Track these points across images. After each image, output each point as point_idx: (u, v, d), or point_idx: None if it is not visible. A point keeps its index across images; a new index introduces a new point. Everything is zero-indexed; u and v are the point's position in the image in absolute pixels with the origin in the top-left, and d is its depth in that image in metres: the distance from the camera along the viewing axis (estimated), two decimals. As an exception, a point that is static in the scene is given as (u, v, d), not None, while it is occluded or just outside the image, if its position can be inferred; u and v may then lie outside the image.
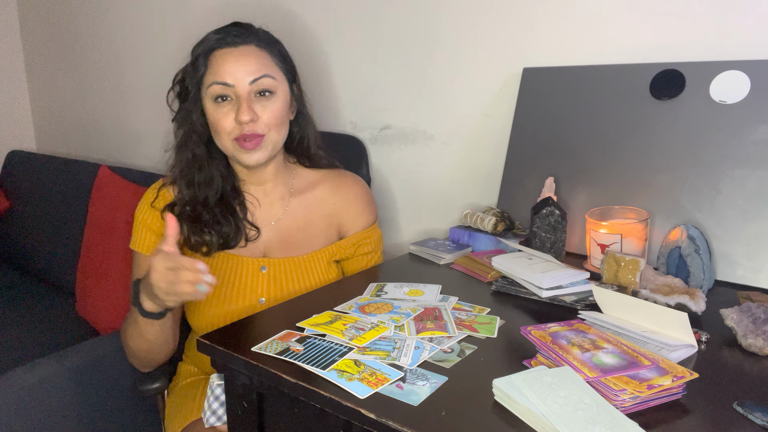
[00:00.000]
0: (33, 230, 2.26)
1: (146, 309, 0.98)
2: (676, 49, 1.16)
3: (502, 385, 0.67)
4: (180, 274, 0.88)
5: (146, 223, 1.12)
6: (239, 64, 1.05)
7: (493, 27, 1.38)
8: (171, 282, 0.89)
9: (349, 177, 1.25)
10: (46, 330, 1.79)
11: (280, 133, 1.10)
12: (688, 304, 0.90)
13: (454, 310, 0.93)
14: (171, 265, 0.89)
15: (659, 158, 1.14)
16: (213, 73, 1.06)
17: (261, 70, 1.06)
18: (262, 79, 1.06)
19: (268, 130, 1.07)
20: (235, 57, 1.06)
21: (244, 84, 1.05)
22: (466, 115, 1.46)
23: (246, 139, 1.05)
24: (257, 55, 1.07)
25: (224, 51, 1.07)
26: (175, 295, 0.91)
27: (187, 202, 1.11)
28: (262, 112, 1.06)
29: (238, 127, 1.05)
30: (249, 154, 1.07)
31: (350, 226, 1.22)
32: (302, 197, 1.20)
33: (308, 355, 0.78)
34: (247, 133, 1.05)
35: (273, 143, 1.09)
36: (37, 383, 1.32)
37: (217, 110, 1.06)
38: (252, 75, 1.05)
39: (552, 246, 1.14)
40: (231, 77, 1.05)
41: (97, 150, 2.52)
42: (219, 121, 1.06)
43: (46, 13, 2.56)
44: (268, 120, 1.07)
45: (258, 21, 1.17)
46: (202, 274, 0.88)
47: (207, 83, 1.07)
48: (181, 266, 0.89)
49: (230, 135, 1.06)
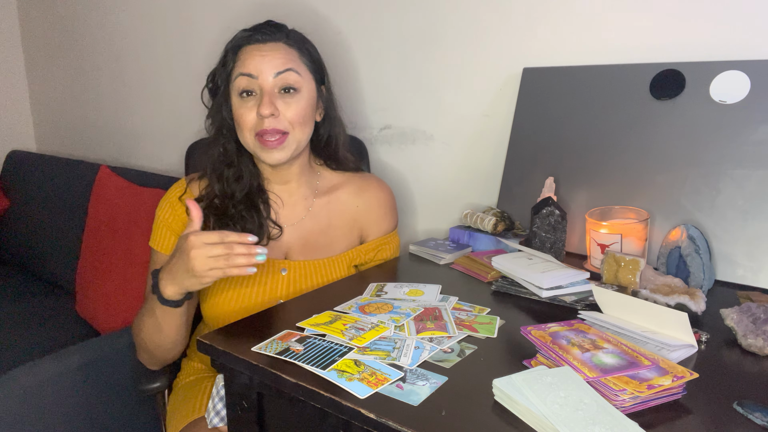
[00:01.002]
0: (33, 230, 2.26)
1: (167, 296, 0.97)
2: (676, 49, 1.16)
3: (502, 385, 0.67)
4: (232, 247, 0.89)
5: (167, 222, 1.12)
6: (265, 58, 1.06)
7: (493, 27, 1.38)
8: (219, 256, 0.89)
9: (374, 181, 1.25)
10: (46, 330, 1.79)
11: (303, 132, 1.09)
12: (688, 304, 0.90)
13: (454, 310, 0.93)
14: (216, 240, 0.89)
15: (659, 158, 1.14)
16: (240, 66, 1.07)
17: (286, 64, 1.07)
18: (287, 72, 1.06)
19: (291, 128, 1.07)
20: (262, 52, 1.07)
21: (268, 77, 1.05)
22: (466, 115, 1.46)
23: (267, 135, 1.05)
24: (285, 51, 1.08)
25: (253, 47, 1.08)
26: (218, 270, 0.90)
27: (216, 195, 1.11)
28: (285, 109, 1.06)
29: (260, 121, 1.05)
30: (270, 153, 1.07)
31: (372, 231, 1.22)
32: (326, 199, 1.20)
33: (308, 355, 0.78)
34: (268, 128, 1.04)
35: (296, 142, 1.08)
36: (37, 383, 1.32)
37: (241, 104, 1.07)
38: (276, 68, 1.06)
39: (552, 246, 1.14)
40: (255, 69, 1.05)
41: (97, 150, 2.52)
42: (242, 116, 1.06)
43: (46, 13, 2.56)
44: (291, 117, 1.06)
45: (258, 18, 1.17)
46: (254, 246, 0.90)
47: (234, 76, 1.08)
48: (228, 240, 0.90)
49: (252, 130, 1.06)
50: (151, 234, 1.14)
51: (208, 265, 0.90)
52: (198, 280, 0.92)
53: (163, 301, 0.98)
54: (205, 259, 0.89)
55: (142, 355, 1.13)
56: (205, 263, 0.90)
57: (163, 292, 0.97)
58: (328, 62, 1.19)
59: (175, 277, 0.94)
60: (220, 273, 0.91)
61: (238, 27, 1.13)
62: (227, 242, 0.90)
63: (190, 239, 0.90)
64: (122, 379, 1.46)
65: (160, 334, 1.04)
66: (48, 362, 1.36)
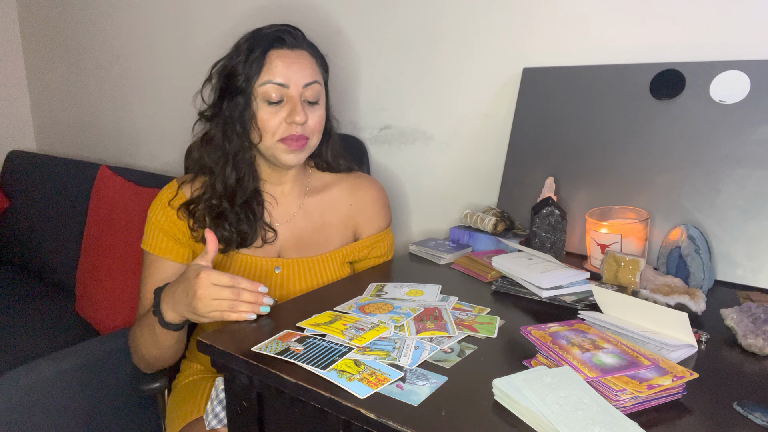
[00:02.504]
0: (33, 230, 2.26)
1: (167, 320, 0.97)
2: (676, 49, 1.16)
3: (502, 385, 0.67)
4: (240, 294, 0.88)
5: (159, 224, 1.12)
6: (295, 66, 1.07)
7: (493, 27, 1.38)
8: (224, 299, 0.88)
9: (366, 179, 1.26)
10: (46, 330, 1.79)
11: (319, 139, 1.13)
12: (688, 304, 0.90)
13: (454, 310, 0.93)
14: (227, 283, 0.89)
15: (659, 158, 1.14)
16: (268, 72, 1.06)
17: (314, 75, 1.09)
18: (314, 84, 1.09)
19: (312, 135, 1.10)
20: (291, 60, 1.07)
21: (298, 87, 1.07)
22: (466, 115, 1.46)
23: (294, 138, 1.07)
24: (310, 61, 1.10)
25: (282, 52, 1.07)
26: (218, 312, 0.89)
27: (216, 195, 1.11)
28: (310, 117, 1.09)
29: (288, 127, 1.06)
30: (293, 155, 1.08)
31: (366, 228, 1.23)
32: (318, 197, 1.20)
33: (308, 355, 0.78)
34: (296, 134, 1.07)
35: (312, 149, 1.12)
36: (37, 383, 1.32)
37: (267, 109, 1.07)
38: (306, 79, 1.07)
39: (552, 246, 1.14)
40: (286, 78, 1.06)
41: (97, 150, 2.52)
42: (268, 121, 1.07)
43: (46, 13, 2.56)
44: (313, 125, 1.10)
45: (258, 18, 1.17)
46: (262, 295, 0.90)
47: (261, 81, 1.06)
48: (239, 286, 0.89)
49: (276, 135, 1.07)
50: (143, 236, 1.14)
51: (211, 307, 0.89)
52: (197, 318, 0.92)
53: (163, 324, 0.98)
54: (210, 301, 0.89)
55: (137, 362, 1.14)
56: (209, 305, 0.89)
57: (164, 315, 0.97)
58: (329, 62, 1.19)
59: (177, 306, 0.95)
60: (218, 315, 0.90)
61: (238, 27, 1.13)
62: (237, 288, 0.89)
63: (200, 277, 0.89)
64: (122, 379, 1.46)
65: (158, 349, 1.05)
66: (48, 362, 1.36)
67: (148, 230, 1.13)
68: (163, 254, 1.11)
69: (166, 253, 1.11)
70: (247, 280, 0.90)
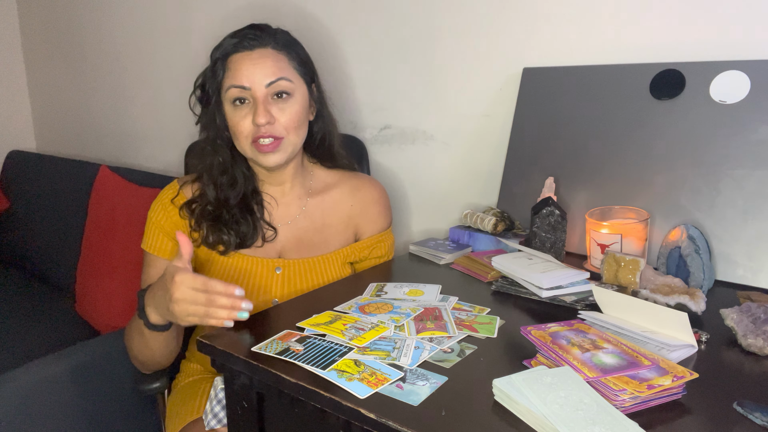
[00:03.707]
0: (33, 230, 2.26)
1: (152, 321, 0.97)
2: (676, 49, 1.16)
3: (502, 385, 0.67)
4: (214, 299, 0.85)
5: (159, 224, 1.12)
6: (256, 67, 1.06)
7: (493, 27, 1.38)
8: (199, 304, 0.85)
9: (367, 180, 1.26)
10: (46, 330, 1.79)
11: (298, 135, 1.11)
12: (688, 304, 0.90)
13: (454, 310, 0.93)
14: (200, 287, 0.86)
15: (659, 158, 1.14)
16: (230, 77, 1.07)
17: (277, 73, 1.07)
18: (279, 81, 1.07)
19: (286, 133, 1.08)
20: (252, 60, 1.06)
21: (261, 87, 1.06)
22: (466, 115, 1.46)
23: (261, 139, 1.06)
24: (274, 57, 1.08)
25: (241, 55, 1.07)
26: (196, 317, 0.87)
27: (210, 201, 1.12)
28: (279, 115, 1.07)
29: (256, 129, 1.06)
30: (267, 156, 1.07)
31: (367, 229, 1.23)
32: (320, 198, 1.20)
33: (308, 355, 0.78)
34: (264, 134, 1.05)
35: (292, 146, 1.10)
36: (37, 383, 1.32)
37: (236, 113, 1.07)
38: (268, 78, 1.06)
39: (552, 246, 1.14)
40: (247, 80, 1.05)
41: (97, 150, 2.52)
42: (237, 125, 1.07)
43: (46, 13, 2.56)
44: (286, 123, 1.07)
45: (258, 18, 1.17)
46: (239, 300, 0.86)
47: (225, 87, 1.08)
48: (213, 290, 0.85)
49: (248, 138, 1.07)
50: (144, 236, 1.14)
51: (187, 312, 0.87)
52: (187, 319, 0.88)
53: (149, 325, 0.97)
54: (186, 305, 0.86)
55: (134, 362, 1.13)
56: (184, 309, 0.87)
57: (149, 317, 0.96)
58: (328, 62, 1.19)
59: (158, 307, 0.94)
60: (197, 320, 0.87)
61: (237, 26, 1.13)
62: (211, 291, 0.85)
63: (175, 280, 0.86)
64: (122, 380, 1.46)
65: (149, 350, 1.04)
66: (48, 362, 1.36)
67: (148, 231, 1.14)
68: (163, 255, 1.11)
69: (166, 254, 1.11)
70: (221, 283, 0.86)
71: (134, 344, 1.06)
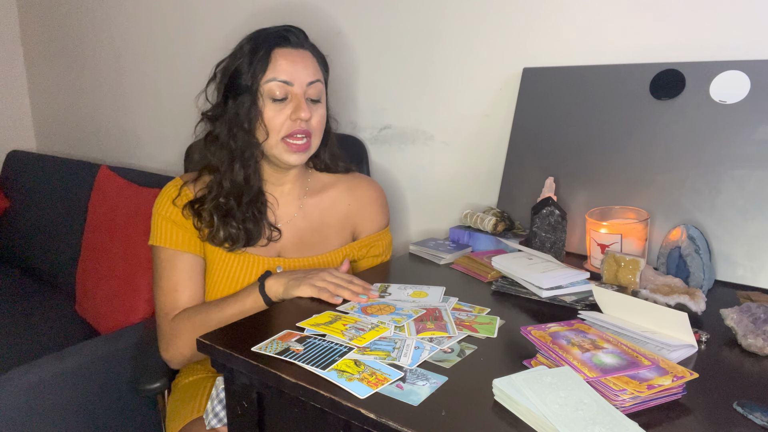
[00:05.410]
0: (33, 230, 2.26)
1: (267, 291, 1.03)
2: (676, 49, 1.16)
3: (502, 385, 0.67)
4: (352, 283, 1.00)
5: (168, 217, 1.11)
6: (299, 65, 1.08)
7: (493, 27, 1.38)
8: (327, 283, 0.98)
9: (364, 179, 1.28)
10: (46, 330, 1.79)
11: (320, 138, 1.14)
12: (688, 304, 0.90)
13: (454, 311, 0.93)
14: (344, 278, 1.00)
15: (659, 158, 1.14)
16: (273, 70, 1.07)
17: (316, 74, 1.11)
18: (317, 83, 1.10)
19: (314, 133, 1.11)
20: (295, 58, 1.09)
21: (302, 84, 1.08)
22: (466, 115, 1.46)
23: (298, 134, 1.08)
24: (312, 60, 1.12)
25: (286, 50, 1.09)
26: (323, 283, 0.98)
27: (222, 194, 1.11)
28: (313, 116, 1.10)
29: (292, 124, 1.08)
30: (294, 155, 1.09)
31: (364, 228, 1.24)
32: (317, 198, 1.21)
33: (308, 355, 0.78)
34: (301, 130, 1.08)
35: (314, 147, 1.13)
36: (37, 383, 1.32)
37: (272, 107, 1.08)
38: (309, 77, 1.09)
39: (552, 246, 1.14)
40: (291, 76, 1.07)
41: (97, 150, 2.52)
42: (273, 118, 1.08)
43: (46, 13, 2.56)
44: (315, 124, 1.11)
45: (258, 19, 1.17)
46: (365, 295, 0.98)
47: (265, 79, 1.07)
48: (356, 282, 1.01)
49: (280, 133, 1.08)
50: (151, 233, 1.13)
51: (322, 278, 0.99)
52: (297, 286, 0.99)
53: (267, 301, 1.03)
54: (321, 281, 0.98)
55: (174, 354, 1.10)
56: (320, 277, 0.99)
57: (268, 288, 1.03)
58: (329, 62, 1.19)
59: (287, 279, 1.02)
60: (321, 284, 0.98)
61: (238, 28, 1.13)
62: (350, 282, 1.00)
63: (327, 270, 1.02)
64: (122, 380, 1.46)
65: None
66: (48, 362, 1.36)
67: (156, 225, 1.12)
68: (177, 246, 1.10)
69: (180, 245, 1.10)
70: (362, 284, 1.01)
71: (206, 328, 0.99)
